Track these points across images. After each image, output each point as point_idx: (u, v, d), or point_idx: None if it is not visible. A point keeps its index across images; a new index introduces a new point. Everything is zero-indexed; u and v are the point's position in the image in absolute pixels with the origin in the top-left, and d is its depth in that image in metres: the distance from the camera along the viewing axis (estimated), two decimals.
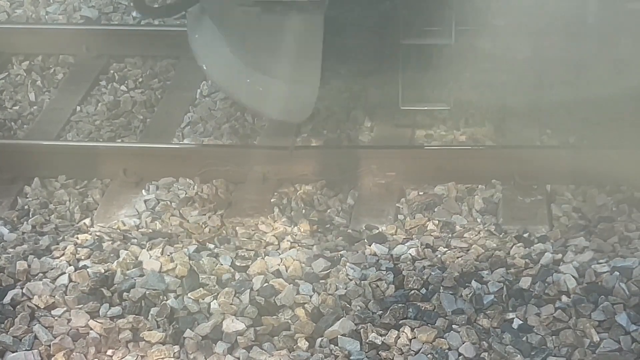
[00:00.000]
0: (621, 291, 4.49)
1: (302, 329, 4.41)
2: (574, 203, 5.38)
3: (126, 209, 5.50)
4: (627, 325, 4.32)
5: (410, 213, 5.35)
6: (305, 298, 4.58)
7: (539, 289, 4.55)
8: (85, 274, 4.77)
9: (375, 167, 5.55)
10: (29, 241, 5.18)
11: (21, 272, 4.83)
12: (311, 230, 5.20)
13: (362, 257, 4.89)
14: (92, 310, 4.55)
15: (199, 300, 4.59)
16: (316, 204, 5.51)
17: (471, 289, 4.55)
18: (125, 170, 5.69)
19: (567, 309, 4.43)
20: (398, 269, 4.75)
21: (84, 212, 5.56)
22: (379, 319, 4.40)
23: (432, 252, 4.93)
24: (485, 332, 4.35)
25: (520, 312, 4.44)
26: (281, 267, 4.81)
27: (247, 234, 5.20)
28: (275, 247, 5.05)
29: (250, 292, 4.60)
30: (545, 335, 4.31)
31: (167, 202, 5.51)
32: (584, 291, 4.53)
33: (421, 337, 4.30)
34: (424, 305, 4.48)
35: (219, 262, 4.84)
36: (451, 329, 4.36)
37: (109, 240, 5.10)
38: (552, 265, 4.73)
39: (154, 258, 4.86)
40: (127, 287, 4.67)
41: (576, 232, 5.09)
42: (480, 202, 5.37)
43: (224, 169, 5.66)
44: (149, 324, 4.47)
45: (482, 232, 5.12)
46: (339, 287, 4.63)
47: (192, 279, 4.70)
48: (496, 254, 4.85)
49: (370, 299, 4.55)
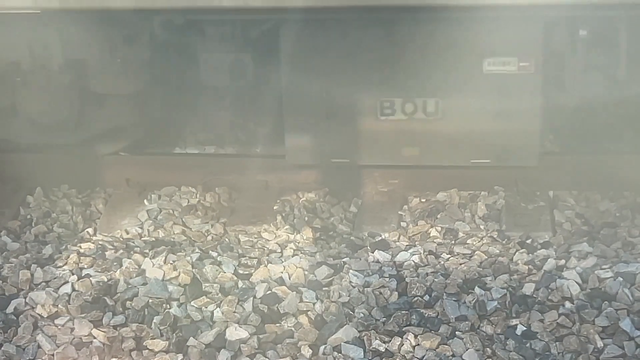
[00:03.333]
0: (625, 297, 4.49)
1: (306, 337, 4.40)
2: (576, 209, 5.38)
3: (129, 218, 5.51)
4: (631, 330, 4.31)
5: (412, 220, 5.35)
6: (308, 305, 4.57)
7: (542, 295, 4.55)
8: (88, 282, 4.77)
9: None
10: (32, 250, 5.19)
11: (24, 281, 4.83)
12: (314, 238, 5.21)
13: (365, 264, 4.89)
14: (95, 319, 4.55)
15: (202, 308, 4.58)
16: (319, 211, 5.51)
17: (475, 295, 4.55)
18: (128, 180, 5.70)
19: (570, 314, 4.42)
20: (401, 276, 4.74)
21: (86, 221, 5.57)
22: (383, 326, 4.40)
23: (435, 258, 4.93)
24: (489, 339, 4.34)
25: (523, 318, 4.43)
26: (284, 274, 4.81)
27: (249, 242, 5.20)
28: (278, 254, 5.05)
29: (254, 300, 4.60)
30: (549, 342, 4.29)
31: (169, 210, 5.52)
32: (587, 297, 4.53)
33: (425, 343, 4.29)
34: (428, 312, 4.47)
35: (222, 269, 4.84)
36: (455, 335, 4.35)
37: (112, 249, 5.11)
38: (556, 271, 4.73)
39: (156, 266, 4.86)
40: (130, 296, 4.67)
41: (579, 237, 5.09)
42: (483, 209, 5.38)
43: (226, 177, 5.68)
44: (152, 333, 4.46)
45: (485, 238, 5.12)
46: (342, 294, 4.63)
47: (195, 287, 4.70)
48: (499, 260, 4.85)
49: (373, 306, 4.55)
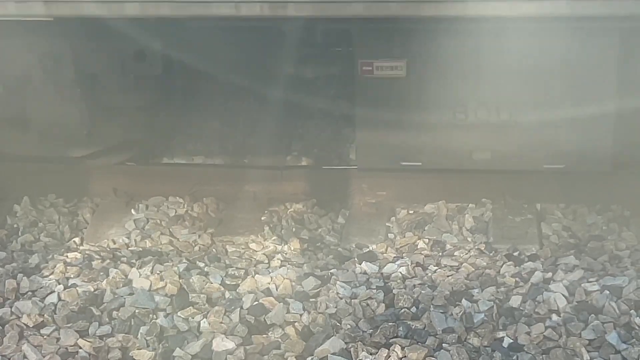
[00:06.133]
0: (611, 310, 4.49)
1: (293, 348, 4.39)
2: (564, 222, 5.39)
3: (116, 228, 5.50)
4: (617, 344, 4.31)
5: (400, 232, 5.35)
6: (295, 316, 4.57)
7: (529, 308, 4.55)
8: (74, 292, 4.75)
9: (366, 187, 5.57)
10: (18, 259, 5.17)
11: (10, 290, 4.81)
12: (301, 249, 5.20)
13: (352, 276, 4.88)
14: (82, 329, 4.53)
15: (188, 319, 4.57)
16: (307, 222, 5.51)
17: (461, 307, 4.54)
18: (115, 190, 5.69)
19: (557, 327, 4.42)
20: (388, 288, 4.74)
21: (73, 231, 5.55)
22: (370, 338, 4.39)
23: (422, 270, 4.93)
24: (475, 351, 4.34)
25: (510, 330, 4.43)
26: (271, 285, 4.80)
27: (237, 252, 5.19)
28: (266, 265, 5.04)
29: (240, 311, 4.58)
30: (536, 354, 4.30)
31: (157, 220, 5.51)
32: (574, 310, 4.53)
33: (411, 355, 4.28)
34: (415, 323, 4.46)
35: (209, 280, 4.83)
36: (442, 347, 4.34)
37: (99, 259, 5.09)
38: (542, 283, 4.73)
39: (143, 276, 4.85)
40: (117, 306, 4.65)
41: (566, 250, 5.10)
42: (470, 221, 5.38)
43: (214, 188, 5.67)
44: (139, 343, 4.44)
45: (473, 250, 5.13)
46: (330, 306, 4.62)
47: (182, 297, 4.69)
48: (486, 273, 4.85)
49: (360, 318, 4.54)
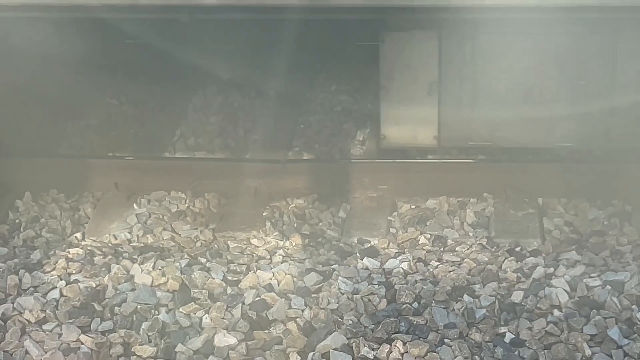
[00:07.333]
0: (613, 305, 4.49)
1: (294, 343, 4.39)
2: (565, 217, 5.39)
3: (117, 223, 5.50)
4: (619, 339, 4.31)
5: (402, 226, 5.35)
6: (297, 312, 4.57)
7: (531, 303, 4.55)
8: (76, 288, 4.75)
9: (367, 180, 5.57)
10: (20, 255, 5.17)
11: (12, 286, 4.81)
12: (303, 244, 5.20)
13: (354, 271, 4.89)
14: (83, 325, 4.53)
15: (190, 315, 4.57)
16: (308, 217, 5.50)
17: (463, 303, 4.54)
18: (117, 184, 5.69)
19: (559, 323, 4.42)
20: (390, 283, 4.74)
21: (75, 226, 5.55)
22: (371, 333, 4.39)
23: (424, 266, 4.93)
24: (477, 347, 4.34)
25: (512, 326, 4.44)
26: (273, 281, 4.80)
27: (239, 248, 5.19)
28: (267, 261, 5.04)
29: (242, 306, 4.58)
30: (538, 350, 4.30)
31: (159, 215, 5.51)
32: (576, 305, 4.53)
33: (413, 351, 4.29)
34: (416, 319, 4.47)
35: (210, 276, 4.83)
36: (443, 343, 4.34)
37: (101, 254, 5.09)
38: (544, 279, 4.74)
39: (145, 272, 4.85)
40: (119, 302, 4.65)
41: (568, 246, 5.10)
42: (472, 216, 5.38)
43: (215, 183, 5.67)
44: (141, 339, 4.45)
45: (474, 245, 5.13)
46: (331, 301, 4.62)
47: (184, 293, 4.69)
48: (488, 268, 4.85)
49: (362, 313, 4.54)
